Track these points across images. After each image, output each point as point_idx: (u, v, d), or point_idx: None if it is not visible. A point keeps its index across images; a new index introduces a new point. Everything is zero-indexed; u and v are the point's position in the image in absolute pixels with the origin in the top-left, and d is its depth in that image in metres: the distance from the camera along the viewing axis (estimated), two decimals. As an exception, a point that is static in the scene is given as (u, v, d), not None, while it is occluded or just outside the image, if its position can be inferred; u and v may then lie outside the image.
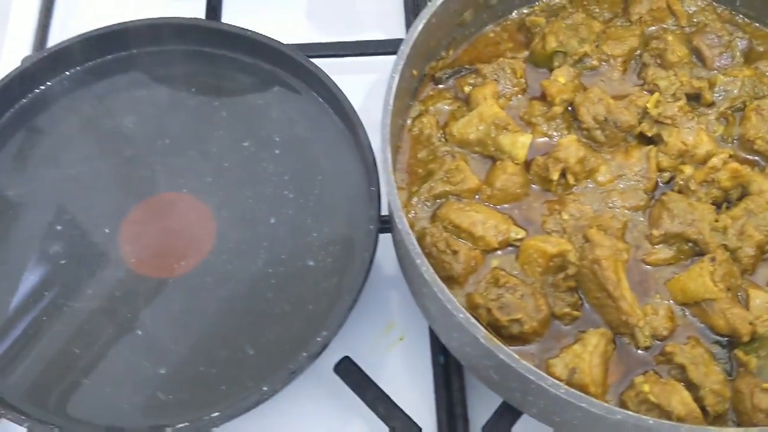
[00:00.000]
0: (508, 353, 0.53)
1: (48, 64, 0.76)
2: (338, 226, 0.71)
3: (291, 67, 0.77)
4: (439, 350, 0.71)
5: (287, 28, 0.91)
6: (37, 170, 0.74)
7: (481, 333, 0.54)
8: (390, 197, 0.59)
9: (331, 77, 0.77)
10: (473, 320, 0.54)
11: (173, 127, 0.77)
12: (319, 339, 0.60)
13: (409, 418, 0.66)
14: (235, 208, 0.73)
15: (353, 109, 0.72)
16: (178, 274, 0.70)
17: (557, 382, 0.52)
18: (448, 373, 0.70)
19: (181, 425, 0.58)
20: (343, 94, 0.73)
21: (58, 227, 0.71)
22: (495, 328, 0.62)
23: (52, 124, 0.76)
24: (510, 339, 0.62)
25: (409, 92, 0.71)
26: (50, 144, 0.75)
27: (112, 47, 0.78)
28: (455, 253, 0.64)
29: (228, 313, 0.68)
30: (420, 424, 0.66)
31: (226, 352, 0.65)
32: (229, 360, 0.65)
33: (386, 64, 0.89)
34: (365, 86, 0.89)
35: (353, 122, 0.71)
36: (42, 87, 0.77)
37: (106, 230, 0.72)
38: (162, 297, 0.68)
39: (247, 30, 0.77)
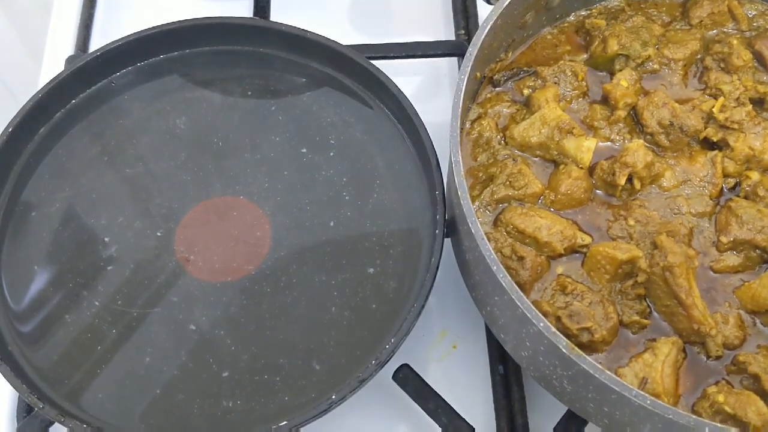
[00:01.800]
0: (591, 363, 0.52)
1: (97, 65, 0.75)
2: (398, 230, 0.70)
3: (347, 69, 0.76)
4: (498, 359, 0.70)
5: (330, 30, 0.90)
6: (89, 172, 0.73)
7: (563, 342, 0.52)
8: (463, 201, 0.58)
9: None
10: (554, 329, 0.53)
11: (226, 129, 0.75)
12: (387, 346, 0.59)
13: (473, 428, 0.65)
14: (290, 211, 0.72)
15: (415, 111, 0.71)
16: (234, 278, 0.69)
17: (642, 392, 0.51)
18: (508, 383, 0.69)
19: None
20: (405, 96, 0.72)
21: (113, 230, 0.70)
22: (564, 336, 0.60)
23: (104, 125, 0.75)
24: (578, 347, 0.60)
25: (469, 95, 0.70)
26: (103, 145, 0.74)
27: (164, 47, 0.77)
28: (521, 259, 0.63)
29: (288, 320, 0.66)
30: (482, 434, 0.65)
31: (287, 360, 0.64)
32: (291, 368, 0.63)
33: (430, 65, 0.90)
34: (410, 89, 0.88)
35: (414, 125, 0.70)
36: (93, 87, 0.75)
37: (160, 233, 0.70)
38: (218, 301, 0.67)
39: (305, 30, 0.76)
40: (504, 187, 0.67)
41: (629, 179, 0.66)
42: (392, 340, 0.59)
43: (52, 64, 0.87)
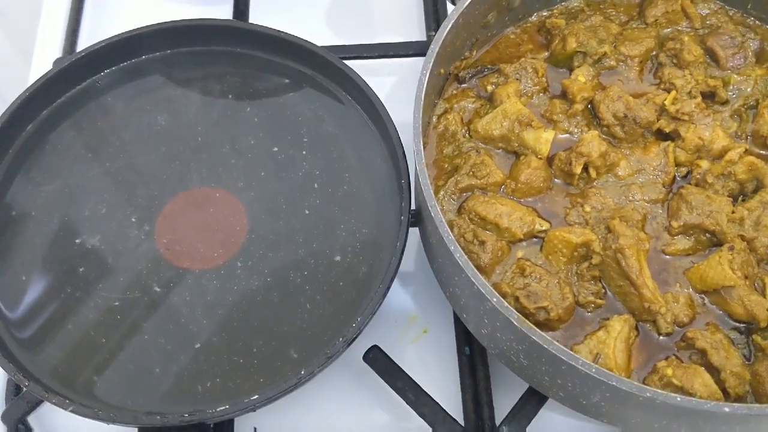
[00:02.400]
0: (540, 335, 0.55)
1: (82, 65, 0.78)
2: (367, 218, 0.73)
3: (319, 67, 0.79)
4: (465, 341, 0.73)
5: (308, 32, 0.93)
6: (74, 168, 0.76)
7: (515, 316, 0.56)
8: (424, 188, 0.61)
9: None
10: (506, 304, 0.56)
11: (206, 125, 0.79)
12: (353, 325, 0.62)
13: (438, 405, 0.68)
14: (266, 202, 0.75)
15: (382, 105, 0.74)
16: (211, 265, 0.72)
17: (588, 361, 0.55)
18: (474, 363, 0.72)
19: (221, 408, 0.60)
20: (372, 90, 0.75)
21: (96, 221, 0.73)
22: (522, 315, 0.64)
23: (88, 123, 0.78)
24: (536, 325, 0.64)
25: (435, 90, 0.74)
26: (87, 141, 0.77)
27: (146, 48, 0.80)
28: (482, 243, 0.67)
29: (262, 305, 0.70)
30: (448, 411, 0.68)
31: (262, 342, 0.67)
32: (266, 350, 0.67)
33: (405, 65, 0.94)
34: (385, 88, 0.92)
35: (382, 118, 0.73)
36: (77, 87, 0.79)
37: (141, 223, 0.74)
38: (197, 288, 0.70)
39: (279, 31, 0.79)
40: (467, 177, 0.70)
41: (585, 168, 0.70)
42: (359, 319, 0.62)
43: (40, 66, 0.90)
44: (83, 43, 0.92)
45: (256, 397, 0.60)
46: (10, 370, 0.62)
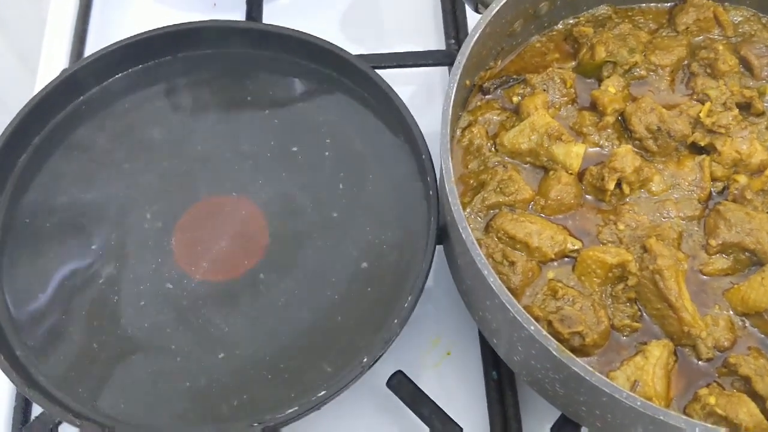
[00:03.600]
0: (582, 366, 0.52)
1: (88, 73, 0.76)
2: (392, 225, 0.72)
3: (347, 72, 0.78)
4: (492, 365, 0.70)
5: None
6: (81, 183, 0.73)
7: (554, 345, 0.53)
8: (453, 207, 0.58)
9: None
10: (544, 332, 0.53)
11: (217, 130, 0.77)
12: (365, 359, 0.61)
13: (465, 432, 0.65)
14: (287, 204, 0.74)
15: (412, 116, 0.73)
16: (231, 277, 0.70)
17: (632, 394, 0.51)
18: (502, 388, 0.69)
19: (256, 424, 0.58)
20: (401, 100, 0.74)
21: (111, 239, 0.71)
22: (555, 340, 0.61)
23: (93, 137, 0.76)
24: (570, 351, 0.61)
25: (459, 103, 0.71)
26: (92, 157, 0.75)
27: (157, 53, 0.78)
28: (512, 264, 0.64)
29: (289, 319, 0.68)
30: (476, 439, 0.66)
31: (290, 359, 0.66)
32: (296, 363, 0.65)
33: (422, 74, 0.90)
34: (404, 98, 0.89)
35: (412, 131, 0.72)
36: (86, 94, 0.77)
37: (158, 238, 0.72)
38: (219, 300, 0.69)
39: (305, 33, 0.78)
40: (495, 193, 0.67)
41: (618, 184, 0.67)
42: (385, 335, 0.61)
43: (46, 79, 0.87)
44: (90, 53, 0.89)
45: (293, 409, 0.58)
46: (42, 404, 0.60)
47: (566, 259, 0.66)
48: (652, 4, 0.79)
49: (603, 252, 0.63)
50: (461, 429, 0.65)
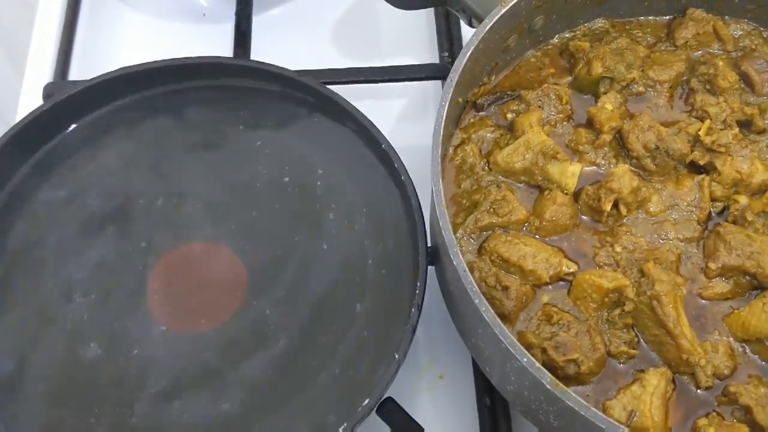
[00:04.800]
0: (576, 400, 0.50)
1: (63, 109, 0.74)
2: (381, 262, 0.70)
3: (322, 101, 0.76)
4: (485, 391, 0.68)
5: (314, 53, 0.89)
6: (57, 228, 0.71)
7: (548, 378, 0.51)
8: (444, 233, 0.56)
9: (364, 102, 0.76)
10: (538, 365, 0.51)
11: (196, 171, 0.74)
12: (359, 409, 0.59)
13: (458, 462, 0.63)
14: (265, 252, 0.71)
15: (397, 156, 0.72)
16: (206, 329, 0.67)
17: (628, 429, 0.50)
18: (495, 415, 0.67)
19: None
20: (377, 128, 0.73)
21: (84, 288, 0.69)
22: (550, 368, 0.59)
23: (66, 178, 0.74)
24: (565, 379, 0.59)
25: (452, 120, 0.69)
26: (72, 191, 0.73)
27: (126, 91, 0.76)
28: (506, 289, 0.62)
29: (271, 368, 0.65)
30: (468, 468, 0.64)
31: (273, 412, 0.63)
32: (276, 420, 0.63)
33: (416, 87, 0.89)
34: (395, 111, 0.87)
35: (397, 171, 0.71)
36: (60, 135, 0.75)
37: (133, 285, 0.69)
38: (197, 352, 0.66)
39: (282, 68, 0.76)
40: (488, 214, 0.65)
41: (615, 205, 0.65)
42: (365, 402, 0.60)
43: (31, 91, 0.85)
44: (75, 67, 0.87)
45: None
46: None
47: (561, 282, 0.64)
48: (650, 18, 0.77)
49: (599, 276, 0.61)
50: (452, 458, 0.63)
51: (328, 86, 0.75)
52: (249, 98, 0.77)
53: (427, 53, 0.90)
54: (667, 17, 0.77)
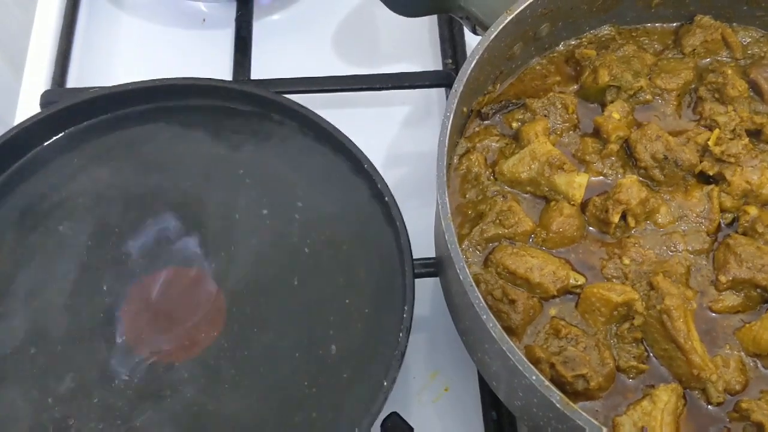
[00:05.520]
0: (586, 419, 0.49)
1: (42, 126, 0.73)
2: (366, 298, 0.68)
3: (307, 124, 0.74)
4: (491, 405, 0.67)
5: (315, 60, 0.88)
6: (28, 247, 0.69)
7: (557, 397, 0.50)
8: (450, 246, 0.55)
9: (367, 109, 0.74)
10: (548, 383, 0.50)
11: (172, 192, 0.72)
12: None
13: (464, 479, 0.62)
14: (244, 278, 0.69)
15: (372, 165, 0.70)
16: (189, 356, 0.65)
17: (640, 450, 0.48)
18: (502, 430, 0.66)
19: None
20: (360, 150, 0.71)
21: (53, 319, 0.66)
22: (558, 383, 0.58)
23: (34, 199, 0.72)
24: (573, 395, 0.58)
25: (456, 129, 0.68)
26: (30, 225, 0.71)
27: (99, 110, 0.75)
28: (513, 302, 0.61)
29: (252, 400, 0.63)
30: (474, 484, 0.62)
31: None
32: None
33: (420, 94, 0.87)
34: (399, 118, 0.86)
35: (379, 188, 0.69)
36: (29, 154, 0.73)
37: (103, 314, 0.67)
38: (175, 384, 0.63)
39: (260, 89, 0.75)
40: (494, 225, 0.64)
41: (623, 216, 0.64)
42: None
43: (29, 98, 0.84)
44: (74, 73, 0.86)
45: None
46: None
47: (569, 295, 0.62)
48: (657, 25, 0.76)
49: (608, 289, 0.60)
50: (458, 475, 0.62)
51: (327, 91, 0.74)
52: (227, 119, 0.76)
53: (429, 60, 0.88)
54: (675, 24, 0.76)
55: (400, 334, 0.63)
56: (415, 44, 0.90)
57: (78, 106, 0.73)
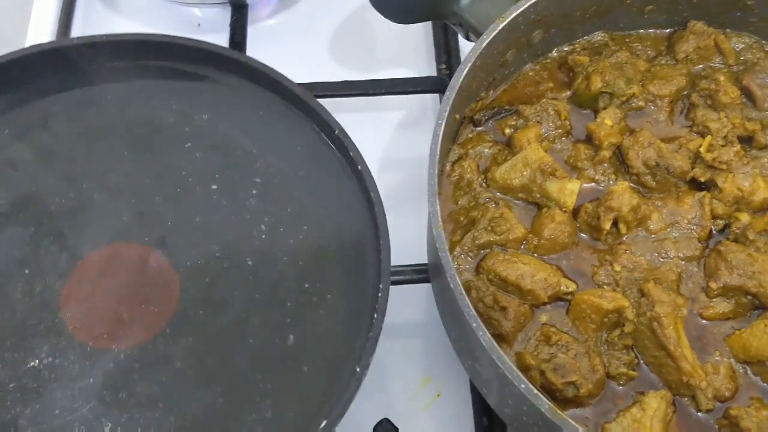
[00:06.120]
0: (574, 428, 0.49)
1: None
2: (333, 284, 0.61)
3: (290, 100, 0.68)
4: (483, 411, 0.67)
5: (310, 65, 0.88)
6: None
7: (546, 405, 0.50)
8: (441, 254, 0.55)
9: (361, 113, 0.72)
10: (536, 391, 0.50)
11: (123, 161, 0.65)
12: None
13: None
14: (200, 256, 0.62)
15: (344, 131, 0.64)
16: (129, 345, 0.58)
17: (628, 458, 0.49)
18: (493, 434, 0.66)
19: None
20: (330, 115, 0.65)
21: None
22: (548, 390, 0.58)
23: None
24: (564, 402, 0.58)
25: (449, 136, 0.68)
26: None
27: (50, 69, 0.68)
28: (504, 309, 0.61)
29: (203, 391, 0.58)
30: (466, 490, 0.63)
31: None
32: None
33: (414, 99, 0.88)
34: (393, 123, 0.86)
35: (355, 163, 0.63)
36: None
37: (45, 294, 0.60)
38: (111, 373, 0.58)
39: (213, 45, 0.68)
40: (486, 232, 0.64)
41: (614, 223, 0.64)
42: (322, 425, 0.53)
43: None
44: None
45: None
46: None
47: (560, 302, 0.63)
48: (650, 31, 0.76)
49: (598, 296, 0.60)
50: (450, 481, 0.62)
51: (321, 96, 0.71)
52: (181, 82, 0.69)
53: (423, 65, 0.88)
54: (668, 30, 0.76)
55: (375, 315, 0.56)
56: (410, 49, 0.90)
57: (18, 64, 0.66)
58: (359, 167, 0.62)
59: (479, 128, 0.71)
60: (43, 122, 0.68)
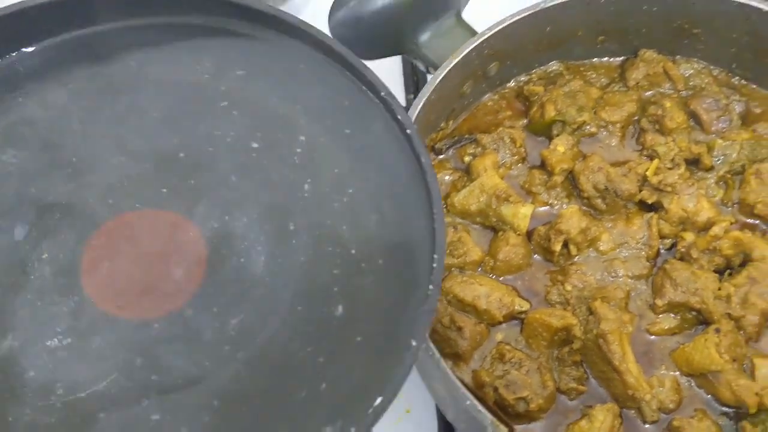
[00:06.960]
0: (514, 440, 0.53)
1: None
2: (382, 247, 0.55)
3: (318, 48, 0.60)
4: (445, 428, 0.70)
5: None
6: None
7: (488, 420, 0.54)
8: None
9: None
10: (480, 407, 0.54)
11: (150, 123, 0.60)
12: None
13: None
14: (235, 219, 0.56)
15: (390, 92, 0.58)
16: (154, 315, 0.53)
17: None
18: (457, 448, 0.70)
19: None
20: (375, 75, 0.59)
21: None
22: (501, 406, 0.62)
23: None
24: (516, 417, 0.62)
25: (410, 165, 0.72)
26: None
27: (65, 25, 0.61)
28: (460, 329, 0.65)
29: (243, 375, 0.52)
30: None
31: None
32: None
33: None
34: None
35: (404, 126, 0.56)
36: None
37: (60, 264, 0.55)
38: (135, 346, 0.52)
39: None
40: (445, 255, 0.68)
41: (566, 245, 0.68)
42: (377, 402, 0.49)
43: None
44: None
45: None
46: None
47: (515, 320, 0.66)
48: (603, 59, 0.80)
49: (548, 315, 0.64)
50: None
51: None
52: (213, 38, 0.62)
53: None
54: (620, 58, 0.80)
55: (430, 287, 0.50)
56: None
57: (44, 14, 0.59)
58: (408, 131, 0.56)
59: (440, 156, 0.75)
60: (66, 78, 0.62)
